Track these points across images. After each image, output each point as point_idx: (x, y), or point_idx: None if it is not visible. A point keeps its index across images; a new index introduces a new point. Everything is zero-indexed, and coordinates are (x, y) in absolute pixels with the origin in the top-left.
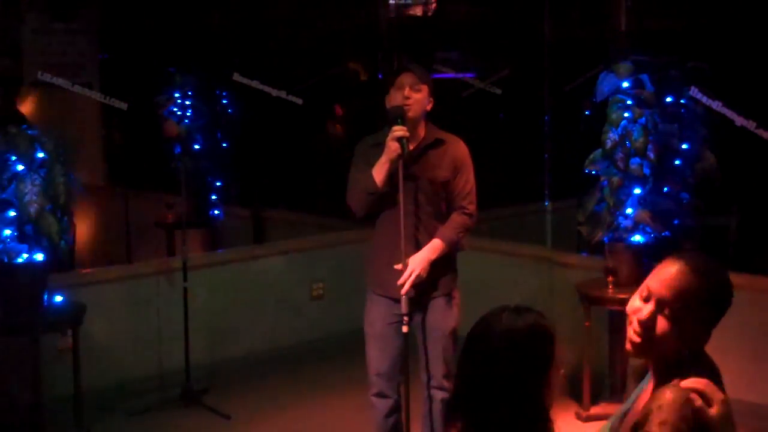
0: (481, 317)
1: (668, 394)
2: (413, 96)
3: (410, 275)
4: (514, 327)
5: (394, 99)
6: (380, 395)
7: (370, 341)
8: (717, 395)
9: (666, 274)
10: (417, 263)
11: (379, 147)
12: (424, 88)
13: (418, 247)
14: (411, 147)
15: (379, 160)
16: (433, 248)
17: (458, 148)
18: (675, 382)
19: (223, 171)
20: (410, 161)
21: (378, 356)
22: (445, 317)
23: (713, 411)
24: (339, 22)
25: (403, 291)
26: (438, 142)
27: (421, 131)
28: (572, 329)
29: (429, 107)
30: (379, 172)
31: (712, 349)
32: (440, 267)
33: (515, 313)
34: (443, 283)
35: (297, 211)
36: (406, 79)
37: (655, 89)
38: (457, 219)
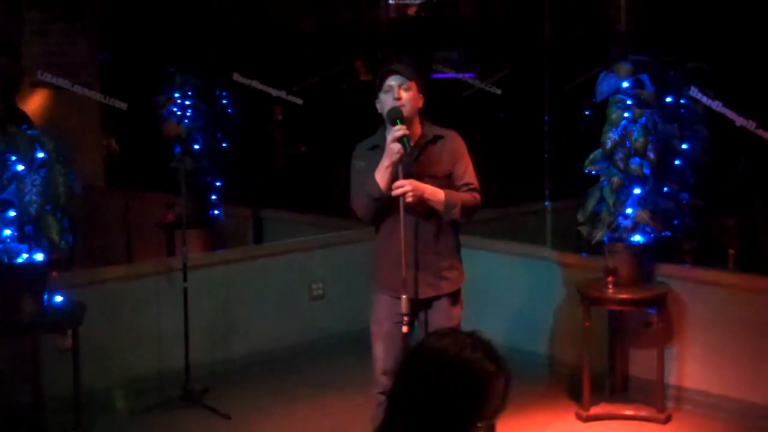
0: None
1: None
2: (404, 95)
3: (403, 185)
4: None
5: (386, 102)
6: (386, 393)
7: (376, 340)
8: None
9: None
10: (415, 185)
11: (378, 149)
12: (413, 85)
13: (424, 248)
14: (411, 143)
15: (381, 164)
16: (433, 190)
17: (455, 141)
18: None
19: (223, 171)
20: (410, 160)
21: (384, 355)
22: (448, 316)
23: None
24: (338, 22)
25: (395, 192)
26: (436, 139)
27: (417, 129)
28: (572, 329)
29: (420, 103)
30: (382, 176)
31: (712, 349)
32: (446, 266)
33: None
34: (448, 285)
35: (297, 211)
36: (393, 80)
37: (655, 89)
38: (463, 192)
